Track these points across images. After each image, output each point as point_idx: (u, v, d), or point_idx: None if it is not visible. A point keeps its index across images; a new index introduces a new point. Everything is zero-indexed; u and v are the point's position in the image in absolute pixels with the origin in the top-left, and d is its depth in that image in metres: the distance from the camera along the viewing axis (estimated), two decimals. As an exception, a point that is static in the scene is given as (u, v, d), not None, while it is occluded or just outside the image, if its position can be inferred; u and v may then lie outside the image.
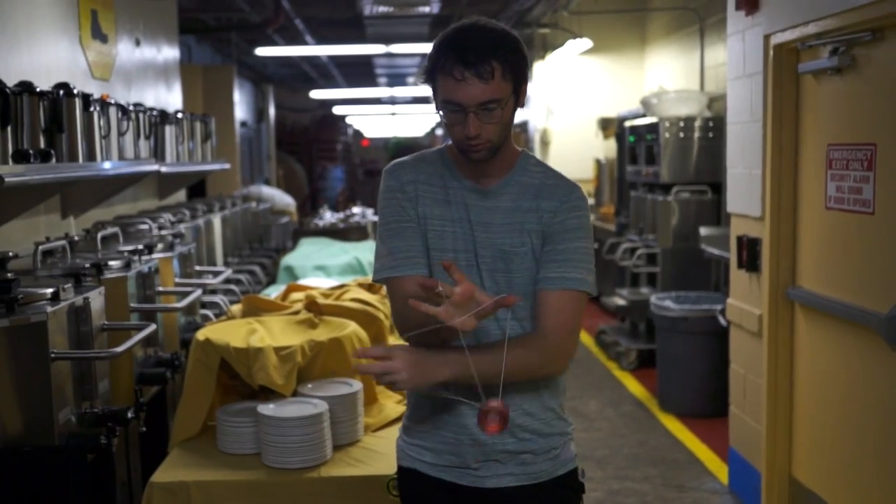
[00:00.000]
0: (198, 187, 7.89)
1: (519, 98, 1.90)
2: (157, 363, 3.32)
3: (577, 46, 8.02)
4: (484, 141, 1.86)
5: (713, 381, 5.34)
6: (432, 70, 1.86)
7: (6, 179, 2.64)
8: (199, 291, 3.68)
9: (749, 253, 4.03)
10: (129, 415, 2.70)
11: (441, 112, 1.88)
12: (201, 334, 2.86)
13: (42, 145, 3.10)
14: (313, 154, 18.18)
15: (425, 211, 1.96)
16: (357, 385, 2.80)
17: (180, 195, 6.34)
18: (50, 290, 2.51)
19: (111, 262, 3.15)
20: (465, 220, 1.95)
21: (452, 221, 1.95)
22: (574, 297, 1.90)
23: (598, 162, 8.88)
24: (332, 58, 12.53)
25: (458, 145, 1.91)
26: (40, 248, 3.05)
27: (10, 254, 2.69)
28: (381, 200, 2.00)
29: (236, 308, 3.44)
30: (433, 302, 1.69)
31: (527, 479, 1.97)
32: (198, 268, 4.39)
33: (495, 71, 1.81)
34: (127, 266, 3.19)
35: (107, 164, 3.65)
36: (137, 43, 5.39)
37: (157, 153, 4.74)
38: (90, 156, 3.47)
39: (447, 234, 1.95)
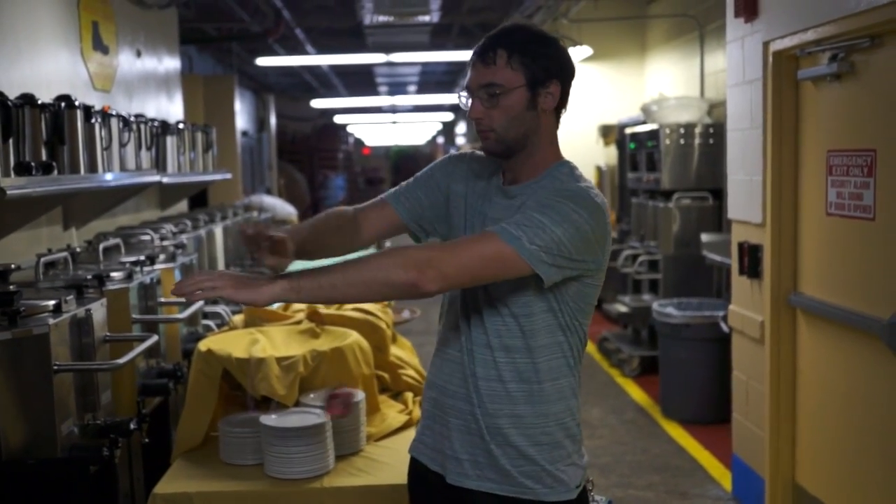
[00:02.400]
0: (199, 197, 7.90)
1: (537, 96, 1.89)
2: (160, 374, 3.32)
3: (577, 54, 8.03)
4: (487, 128, 1.89)
5: (716, 388, 5.33)
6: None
7: (8, 192, 2.65)
8: (200, 302, 3.68)
9: (750, 259, 4.03)
10: (132, 426, 2.70)
11: None
12: (203, 345, 2.86)
13: (44, 157, 3.11)
14: (314, 163, 18.21)
15: (461, 190, 2.03)
16: (359, 395, 2.80)
17: (182, 205, 6.35)
18: (52, 302, 2.51)
19: (113, 274, 3.15)
20: (479, 214, 1.99)
21: (474, 211, 2.00)
22: (489, 238, 1.76)
23: (598, 169, 8.88)
24: (333, 67, 12.56)
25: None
26: (42, 259, 3.06)
27: (12, 266, 2.69)
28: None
29: (238, 318, 3.44)
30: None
31: (511, 490, 1.89)
32: (199, 278, 4.39)
33: (499, 57, 1.86)
34: (129, 277, 3.20)
35: (108, 176, 3.65)
36: (138, 54, 5.41)
37: (159, 164, 4.75)
38: (92, 167, 3.48)
39: (463, 218, 2.01)
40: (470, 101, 1.90)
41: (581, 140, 8.98)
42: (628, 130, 7.47)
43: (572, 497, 1.93)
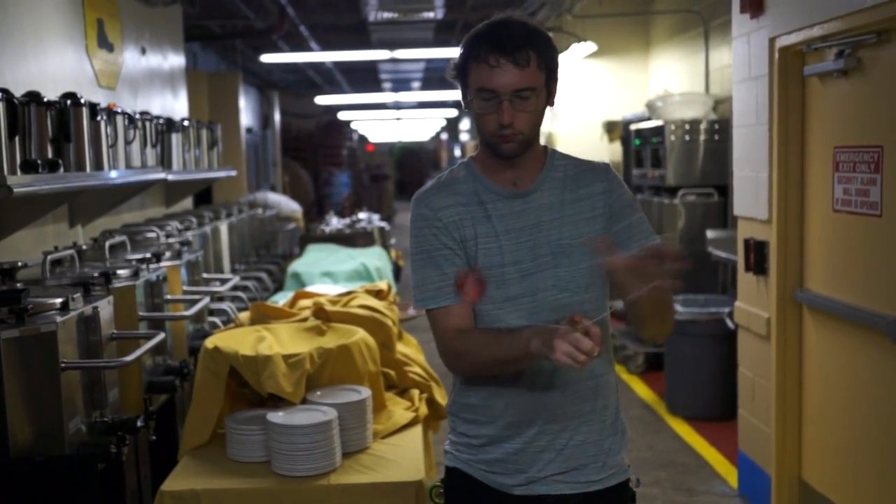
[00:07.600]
0: (204, 194, 7.91)
1: (550, 94, 1.89)
2: (166, 371, 3.32)
3: (581, 50, 8.01)
4: (516, 131, 1.84)
5: (721, 385, 5.33)
6: (465, 61, 1.86)
7: (14, 189, 2.65)
8: (206, 299, 3.69)
9: (756, 256, 4.02)
10: (139, 423, 2.70)
11: (472, 104, 1.86)
12: (210, 342, 2.86)
13: (50, 155, 3.12)
14: (319, 160, 18.17)
15: (471, 232, 1.91)
16: (366, 392, 2.81)
17: (187, 202, 6.35)
18: (59, 300, 2.51)
19: (119, 271, 3.15)
20: (510, 231, 1.90)
21: (497, 236, 1.90)
22: None
23: (603, 165, 8.87)
24: (337, 64, 12.56)
25: (488, 138, 1.87)
26: (48, 257, 3.06)
27: (19, 263, 2.70)
28: (414, 229, 1.95)
29: (244, 315, 3.45)
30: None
31: (578, 487, 1.95)
32: (205, 275, 4.40)
33: (531, 59, 1.80)
34: (135, 275, 3.20)
35: (114, 173, 3.66)
36: (143, 51, 5.41)
37: (164, 161, 4.76)
38: (97, 165, 3.49)
39: (494, 249, 1.89)
40: (493, 104, 1.82)
41: (585, 136, 8.97)
42: (633, 127, 7.46)
43: (629, 476, 2.06)
